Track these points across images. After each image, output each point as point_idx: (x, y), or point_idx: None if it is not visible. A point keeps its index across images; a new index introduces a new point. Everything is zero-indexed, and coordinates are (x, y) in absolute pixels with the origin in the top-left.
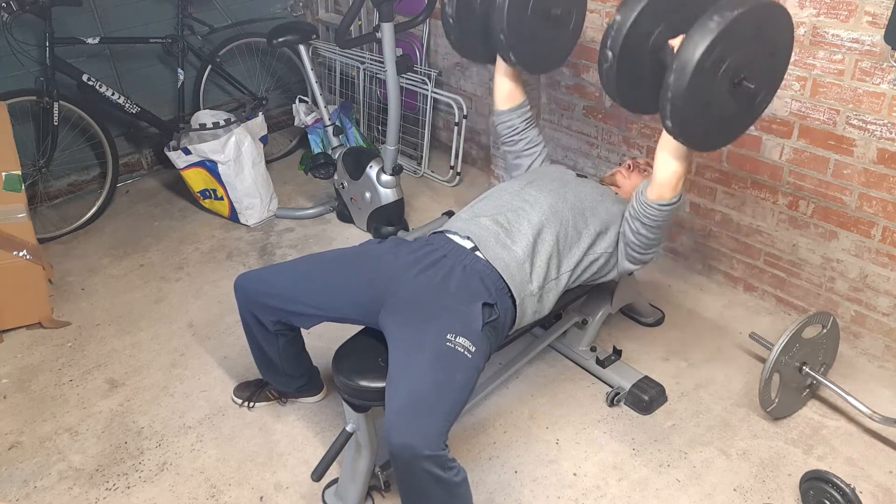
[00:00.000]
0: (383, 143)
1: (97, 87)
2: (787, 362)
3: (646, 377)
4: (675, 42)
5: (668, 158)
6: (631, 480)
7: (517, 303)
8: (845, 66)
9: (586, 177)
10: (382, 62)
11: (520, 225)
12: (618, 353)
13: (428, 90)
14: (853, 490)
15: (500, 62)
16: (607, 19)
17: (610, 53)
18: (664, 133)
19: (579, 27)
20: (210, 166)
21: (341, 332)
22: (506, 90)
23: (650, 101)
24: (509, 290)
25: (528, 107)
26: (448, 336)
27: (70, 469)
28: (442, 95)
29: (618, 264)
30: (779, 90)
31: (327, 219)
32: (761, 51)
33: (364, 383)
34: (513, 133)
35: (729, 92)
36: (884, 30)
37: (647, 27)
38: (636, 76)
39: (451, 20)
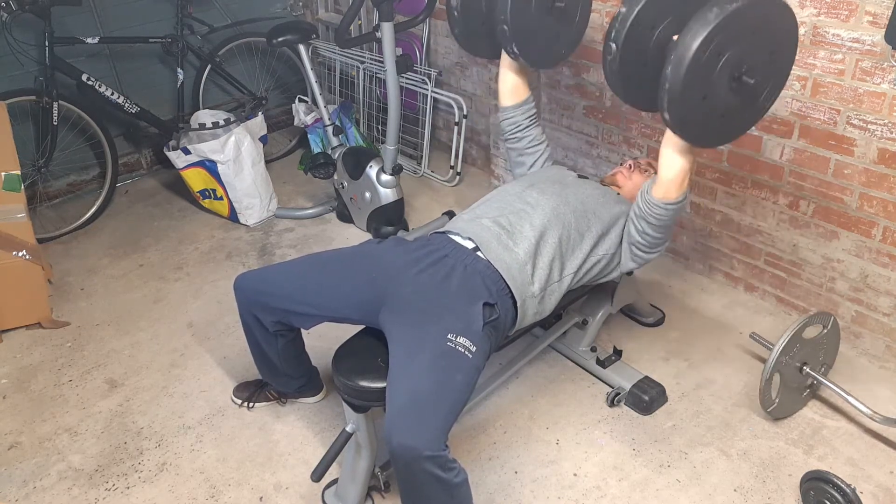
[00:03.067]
0: (383, 142)
1: (97, 87)
2: (787, 362)
3: (646, 377)
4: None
5: (672, 156)
6: (631, 481)
7: (518, 304)
8: (846, 65)
9: (587, 178)
10: (382, 62)
11: (522, 227)
12: (618, 353)
13: (428, 90)
14: (854, 490)
15: (504, 57)
16: (607, 19)
17: (613, 45)
18: (668, 131)
19: (585, 21)
20: (209, 166)
21: (341, 333)
22: (510, 85)
23: (653, 96)
24: (510, 291)
25: (533, 104)
26: (448, 336)
27: (69, 469)
28: (442, 95)
29: (620, 264)
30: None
31: (327, 219)
32: (762, 46)
33: (364, 383)
34: (516, 130)
35: (729, 87)
36: (884, 29)
37: (651, 20)
38: (640, 70)
39: (455, 13)
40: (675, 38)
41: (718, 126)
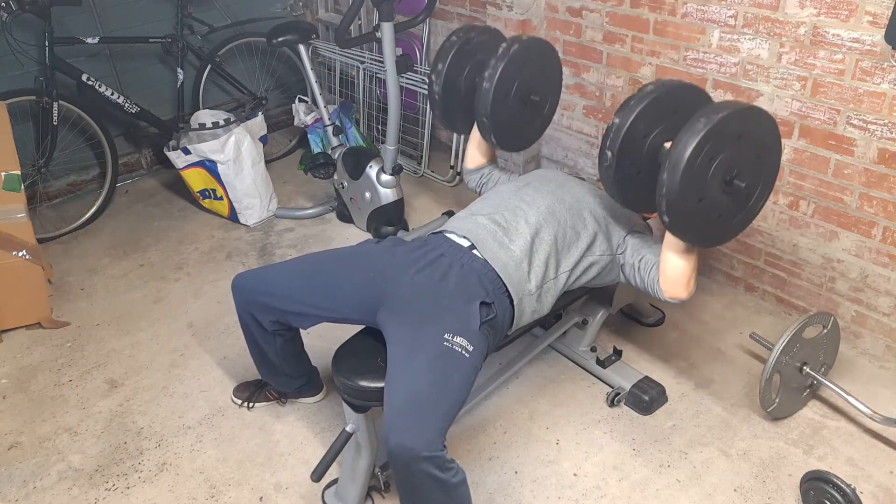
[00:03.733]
0: (383, 142)
1: (97, 87)
2: (787, 362)
3: (646, 377)
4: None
5: (675, 258)
6: (631, 481)
7: (515, 302)
8: (846, 65)
9: (584, 178)
10: (382, 62)
11: (517, 224)
12: (618, 353)
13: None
14: (854, 490)
15: (474, 134)
16: (607, 19)
17: (609, 153)
18: (667, 233)
19: (553, 110)
20: (209, 166)
21: (341, 333)
22: (476, 158)
23: (648, 199)
24: (507, 290)
25: (495, 162)
26: (446, 336)
27: (69, 469)
28: None
29: (621, 275)
30: (779, 90)
31: (327, 219)
32: (748, 151)
33: (364, 383)
34: (480, 184)
35: (721, 189)
36: (884, 29)
37: (644, 129)
38: (634, 175)
39: (437, 97)
40: (666, 145)
41: (715, 227)
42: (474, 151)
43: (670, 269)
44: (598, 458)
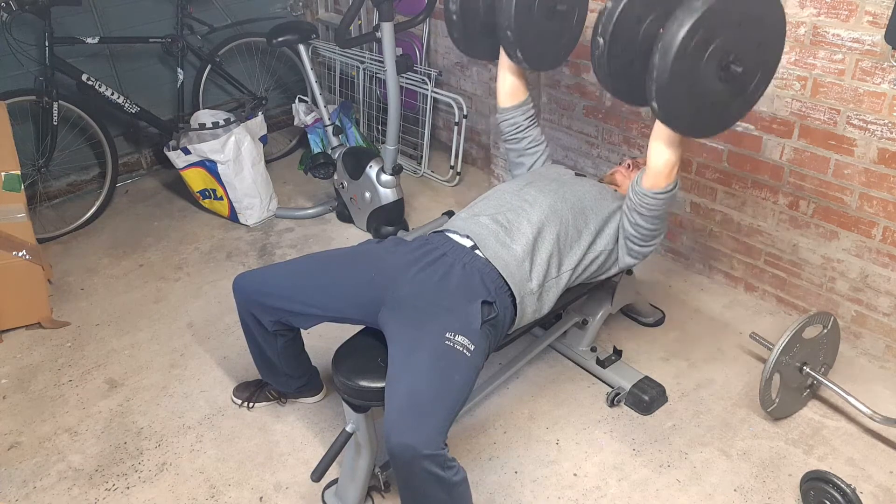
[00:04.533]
0: (383, 142)
1: (96, 87)
2: (787, 362)
3: (646, 377)
4: None
5: (660, 146)
6: (631, 481)
7: (517, 301)
8: (846, 65)
9: (585, 176)
10: (382, 62)
11: (519, 224)
12: (618, 353)
13: (428, 90)
14: (854, 490)
15: (503, 59)
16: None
17: (601, 40)
18: (657, 121)
19: (581, 23)
20: (209, 166)
21: (341, 332)
22: (509, 86)
23: (642, 90)
24: (509, 289)
25: (532, 104)
26: (447, 335)
27: (69, 469)
28: (442, 95)
29: (618, 260)
30: (779, 90)
31: (327, 219)
32: (750, 36)
33: (364, 383)
34: (517, 131)
35: (717, 76)
36: (884, 29)
37: (638, 14)
38: (628, 64)
39: (454, 17)
40: (661, 30)
41: (708, 116)
42: (508, 79)
43: (654, 159)
44: (598, 458)
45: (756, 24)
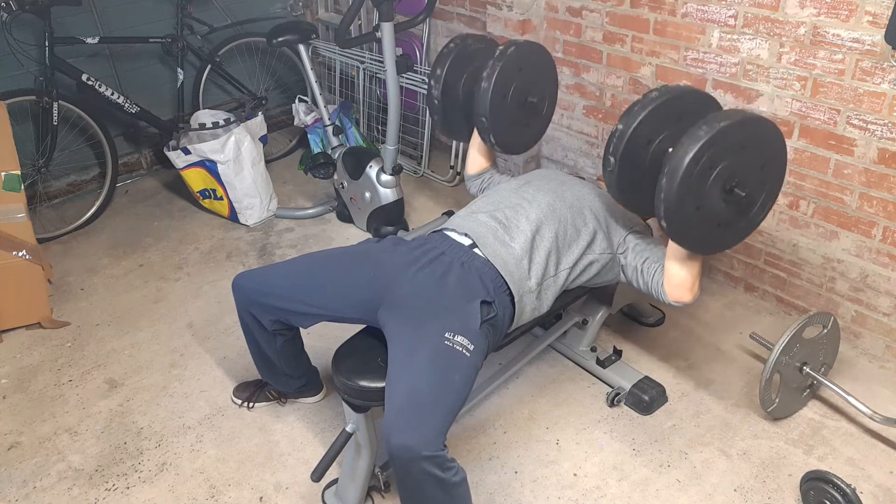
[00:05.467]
0: (383, 142)
1: (97, 87)
2: (787, 362)
3: (646, 377)
4: None
5: (677, 265)
6: (631, 481)
7: (515, 300)
8: (846, 65)
9: (584, 178)
10: (382, 62)
11: (518, 222)
12: (618, 353)
13: None
14: (854, 490)
15: (474, 140)
16: (607, 19)
17: (612, 159)
18: (670, 240)
19: (550, 113)
20: (209, 166)
21: (341, 332)
22: (477, 162)
23: (652, 203)
24: (508, 288)
25: (496, 167)
26: (446, 335)
27: (69, 469)
28: None
29: (623, 277)
30: (780, 90)
31: (327, 219)
32: (751, 160)
33: (364, 383)
34: (481, 189)
35: (722, 198)
36: (884, 29)
37: (647, 135)
38: (637, 180)
39: (435, 101)
40: (670, 150)
41: (716, 235)
42: (475, 155)
43: (674, 275)
44: (598, 458)
45: (758, 148)
